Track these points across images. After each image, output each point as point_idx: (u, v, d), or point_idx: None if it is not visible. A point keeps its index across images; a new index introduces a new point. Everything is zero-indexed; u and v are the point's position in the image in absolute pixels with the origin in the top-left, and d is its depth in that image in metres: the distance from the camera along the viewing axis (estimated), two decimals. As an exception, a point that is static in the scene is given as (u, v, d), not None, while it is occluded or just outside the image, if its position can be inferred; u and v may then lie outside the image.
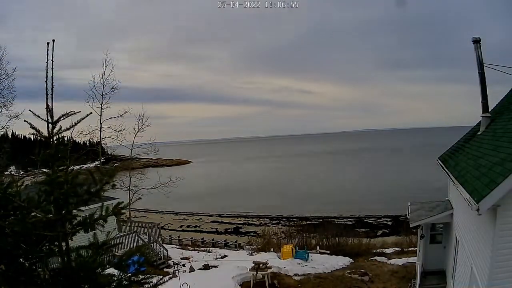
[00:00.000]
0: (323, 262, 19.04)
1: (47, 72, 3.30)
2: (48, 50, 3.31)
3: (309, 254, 19.93)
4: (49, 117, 3.37)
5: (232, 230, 37.61)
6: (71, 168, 3.50)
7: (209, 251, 24.77)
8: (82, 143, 26.55)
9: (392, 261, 19.26)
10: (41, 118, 3.43)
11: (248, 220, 41.35)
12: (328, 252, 21.37)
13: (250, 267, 16.07)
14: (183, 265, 20.15)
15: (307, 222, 36.55)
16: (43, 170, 3.45)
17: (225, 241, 30.74)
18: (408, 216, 13.52)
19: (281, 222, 39.31)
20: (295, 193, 53.23)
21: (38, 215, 3.28)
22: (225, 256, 22.74)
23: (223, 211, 45.60)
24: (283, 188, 58.49)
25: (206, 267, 19.09)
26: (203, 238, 32.21)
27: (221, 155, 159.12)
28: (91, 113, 4.29)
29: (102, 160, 27.17)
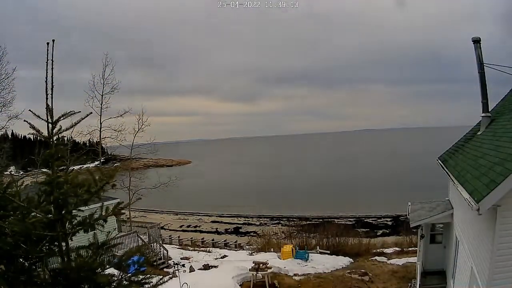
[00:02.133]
0: (323, 262, 19.04)
1: (47, 72, 3.30)
2: (48, 50, 3.30)
3: (309, 254, 19.94)
4: (49, 117, 3.37)
5: (232, 230, 37.60)
6: (71, 168, 3.50)
7: (209, 251, 24.75)
8: (82, 143, 26.49)
9: (392, 261, 19.26)
10: (41, 118, 3.43)
11: (248, 220, 41.34)
12: (328, 252, 21.37)
13: (250, 267, 16.08)
14: (183, 265, 20.13)
15: (307, 222, 36.52)
16: (43, 170, 3.45)
17: (225, 241, 30.71)
18: (408, 216, 13.52)
19: (281, 222, 39.30)
20: (295, 193, 53.24)
21: (38, 215, 3.28)
22: (225, 256, 22.73)
23: (223, 211, 45.60)
24: (283, 188, 58.51)
25: (206, 267, 19.08)
26: (203, 238, 32.19)
27: (221, 155, 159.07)
28: (91, 113, 4.30)
29: (102, 160, 27.17)
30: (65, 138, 20.11)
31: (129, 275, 3.57)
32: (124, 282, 3.51)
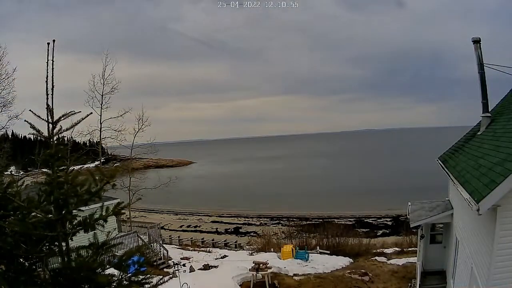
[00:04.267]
0: (323, 262, 19.04)
1: (47, 72, 3.30)
2: (48, 50, 3.31)
3: (309, 254, 19.93)
4: (49, 117, 3.38)
5: (232, 230, 37.61)
6: (71, 168, 3.50)
7: (209, 251, 24.74)
8: (82, 143, 26.51)
9: (392, 261, 19.26)
10: (41, 118, 3.43)
11: (248, 220, 41.35)
12: (328, 252, 21.36)
13: (250, 267, 16.08)
14: (183, 265, 20.12)
15: (307, 222, 36.54)
16: (43, 170, 3.45)
17: (225, 241, 30.72)
18: (408, 216, 13.52)
19: (281, 222, 39.31)
20: (296, 193, 53.22)
21: (38, 215, 3.28)
22: (225, 256, 22.71)
23: (223, 211, 45.61)
24: (283, 188, 58.51)
25: (206, 267, 19.07)
26: (203, 238, 32.19)
27: (221, 155, 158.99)
28: (91, 113, 4.29)
29: (102, 160, 27.18)
30: (65, 138, 20.16)
31: (129, 275, 3.57)
32: (124, 282, 3.51)
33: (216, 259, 21.85)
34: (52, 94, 3.35)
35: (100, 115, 24.57)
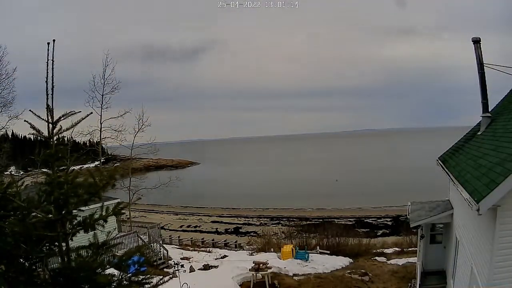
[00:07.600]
0: (323, 262, 19.03)
1: (47, 72, 3.30)
2: (48, 50, 3.31)
3: (309, 254, 19.92)
4: (49, 117, 3.38)
5: (232, 230, 37.61)
6: (71, 168, 3.51)
7: (209, 251, 24.75)
8: (82, 143, 26.52)
9: (392, 261, 19.26)
10: (41, 118, 3.43)
11: (248, 220, 41.36)
12: (328, 252, 21.36)
13: (250, 267, 16.08)
14: (183, 265, 20.13)
15: (307, 222, 36.56)
16: (43, 170, 3.45)
17: (225, 241, 30.71)
18: (408, 216, 13.51)
19: (281, 222, 39.33)
20: (295, 193, 53.23)
21: (38, 215, 3.28)
22: (225, 256, 22.71)
23: (223, 211, 45.59)
24: (283, 188, 58.51)
25: (206, 267, 19.07)
26: (203, 238, 32.17)
27: (221, 156, 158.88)
28: (91, 113, 4.29)
29: (102, 160, 27.19)
30: (65, 138, 20.16)
31: (129, 275, 3.57)
32: (124, 282, 3.51)
33: (216, 259, 21.85)
34: (52, 94, 3.35)
35: (100, 115, 24.58)
